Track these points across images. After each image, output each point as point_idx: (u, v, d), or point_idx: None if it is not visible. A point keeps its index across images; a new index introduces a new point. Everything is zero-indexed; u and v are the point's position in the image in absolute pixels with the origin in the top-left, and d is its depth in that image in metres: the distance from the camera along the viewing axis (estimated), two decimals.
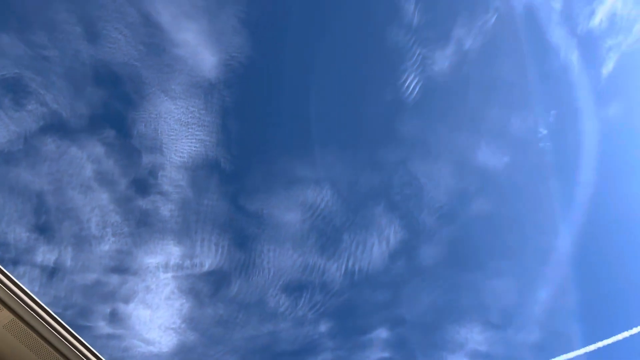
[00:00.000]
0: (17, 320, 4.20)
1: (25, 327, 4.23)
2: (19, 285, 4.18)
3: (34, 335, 4.26)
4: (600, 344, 27.61)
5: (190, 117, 24.34)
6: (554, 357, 29.90)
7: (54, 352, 4.33)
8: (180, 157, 24.65)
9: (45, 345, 4.30)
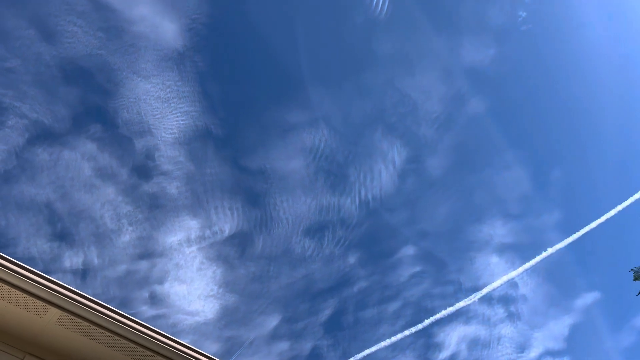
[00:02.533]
0: (65, 313, 4.46)
1: (74, 318, 4.50)
2: (55, 281, 4.41)
3: (84, 322, 4.54)
4: (620, 207, 28.29)
5: (169, 92, 24.00)
6: (576, 231, 30.78)
7: (107, 333, 4.62)
8: (171, 134, 24.56)
9: (97, 328, 4.58)
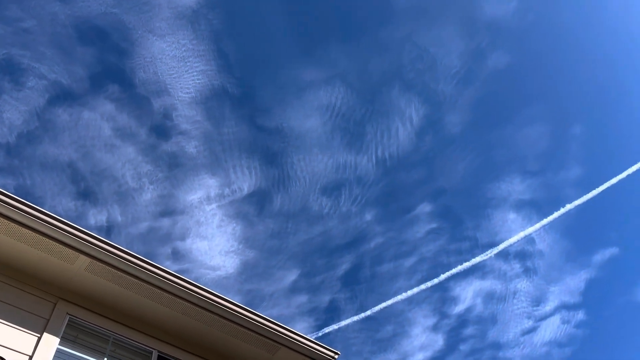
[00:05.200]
0: (94, 261, 4.69)
1: (103, 265, 4.73)
2: (84, 230, 4.62)
3: (112, 269, 4.77)
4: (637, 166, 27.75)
5: (184, 50, 23.86)
6: (596, 187, 30.37)
7: (134, 280, 4.86)
8: (187, 93, 24.60)
9: (124, 275, 4.82)
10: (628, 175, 28.59)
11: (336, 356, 5.86)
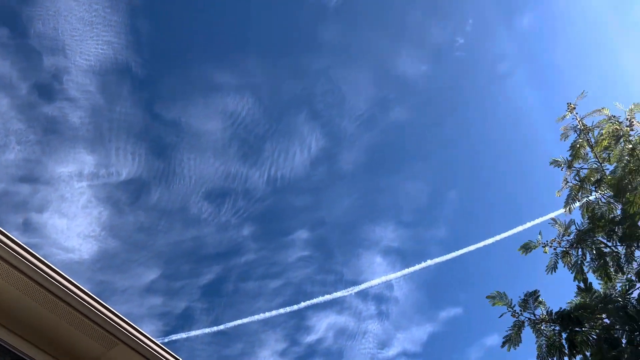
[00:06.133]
0: None
1: None
2: None
3: None
4: (498, 237, 31.06)
5: (94, 15, 22.24)
6: (455, 250, 33.36)
7: None
8: (86, 60, 22.81)
9: None
10: (485, 246, 31.88)
11: None
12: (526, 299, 8.09)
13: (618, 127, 9.28)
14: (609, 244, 9.27)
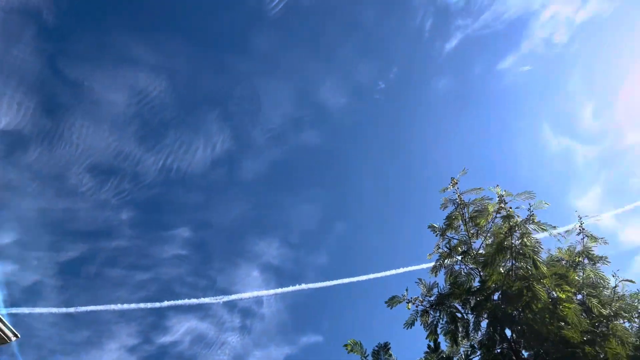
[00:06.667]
0: None
1: None
2: None
3: None
4: (372, 276, 32.59)
5: None
6: (333, 279, 34.32)
7: None
8: None
9: None
10: (359, 281, 33.23)
11: (14, 338, 5.19)
12: (378, 351, 8.61)
13: (490, 208, 10.32)
14: (463, 311, 10.20)
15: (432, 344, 9.83)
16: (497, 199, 10.17)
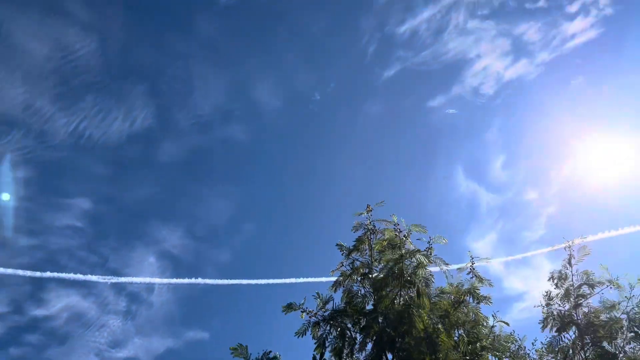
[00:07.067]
0: None
1: None
2: None
3: None
4: (272, 281, 32.62)
5: None
6: (232, 278, 33.92)
7: None
8: None
9: None
10: (257, 285, 33.01)
11: None
12: (262, 358, 8.77)
13: (396, 236, 10.91)
14: (353, 329, 10.64)
15: (318, 356, 10.15)
16: (393, 226, 10.81)
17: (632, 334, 11.91)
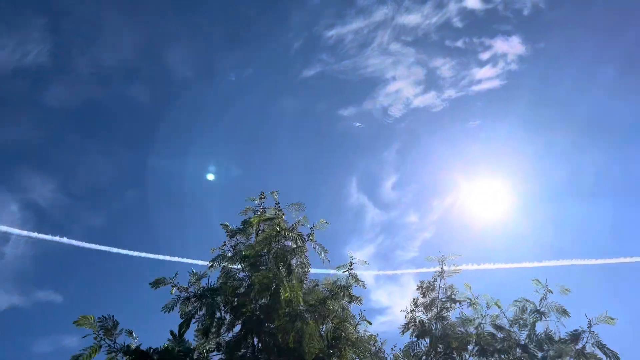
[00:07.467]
0: None
1: None
2: None
3: None
4: (151, 255, 31.07)
5: None
6: (106, 245, 31.59)
7: None
8: None
9: None
10: (129, 255, 31.05)
11: None
12: (108, 328, 8.22)
13: (276, 214, 11.00)
14: (223, 309, 10.47)
15: (176, 331, 9.78)
16: (274, 204, 11.02)
17: (478, 347, 13.04)
